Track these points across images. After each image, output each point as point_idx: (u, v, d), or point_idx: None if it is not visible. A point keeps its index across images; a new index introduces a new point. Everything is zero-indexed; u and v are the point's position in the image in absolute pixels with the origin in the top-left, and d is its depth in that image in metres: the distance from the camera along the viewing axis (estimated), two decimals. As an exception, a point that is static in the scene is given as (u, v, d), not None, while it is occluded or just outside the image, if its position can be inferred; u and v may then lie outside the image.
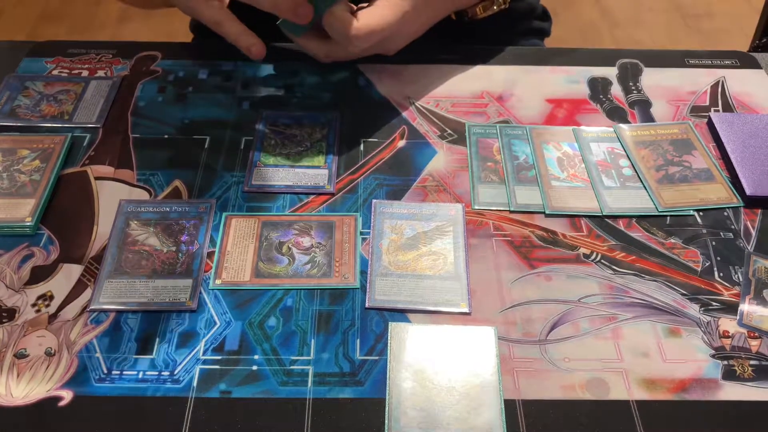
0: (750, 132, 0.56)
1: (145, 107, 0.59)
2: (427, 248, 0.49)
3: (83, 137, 0.56)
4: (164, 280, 0.46)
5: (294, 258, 0.47)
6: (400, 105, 0.60)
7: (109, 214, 0.50)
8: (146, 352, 0.43)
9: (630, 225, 0.51)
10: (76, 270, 0.47)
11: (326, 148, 0.56)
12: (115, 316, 0.44)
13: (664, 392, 0.41)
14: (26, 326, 0.44)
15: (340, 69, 0.63)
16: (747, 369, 0.43)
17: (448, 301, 0.46)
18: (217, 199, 0.52)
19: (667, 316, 0.45)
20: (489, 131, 0.58)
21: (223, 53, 0.65)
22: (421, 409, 0.40)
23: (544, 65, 0.64)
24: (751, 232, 0.51)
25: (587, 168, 0.55)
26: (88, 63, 0.63)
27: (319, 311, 0.45)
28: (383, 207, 0.51)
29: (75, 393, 0.41)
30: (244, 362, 0.42)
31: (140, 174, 0.54)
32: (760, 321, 0.45)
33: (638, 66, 0.65)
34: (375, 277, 0.47)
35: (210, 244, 0.48)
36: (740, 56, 0.66)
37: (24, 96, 0.59)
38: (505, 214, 0.51)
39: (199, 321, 0.44)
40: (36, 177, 0.52)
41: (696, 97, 0.62)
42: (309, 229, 0.49)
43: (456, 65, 0.64)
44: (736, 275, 0.48)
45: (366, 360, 0.43)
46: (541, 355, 0.43)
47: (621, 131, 0.58)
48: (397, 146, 0.56)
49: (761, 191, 0.52)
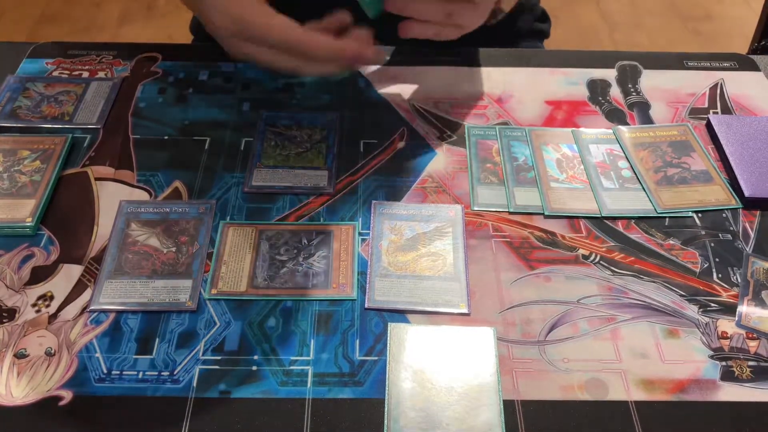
0: (748, 134, 0.57)
1: (145, 108, 0.59)
2: (426, 249, 0.49)
3: (84, 138, 0.56)
4: (164, 280, 0.46)
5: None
6: (400, 106, 0.60)
7: (110, 214, 0.50)
8: (146, 353, 0.43)
9: (629, 226, 0.51)
10: (77, 270, 0.47)
11: (326, 150, 0.56)
12: (115, 316, 0.45)
13: (662, 393, 0.42)
14: (26, 326, 0.44)
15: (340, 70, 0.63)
16: (745, 370, 0.43)
17: (447, 302, 0.46)
18: (217, 199, 0.52)
19: (665, 317, 0.45)
20: (488, 133, 0.58)
21: (223, 55, 0.65)
22: (420, 410, 0.40)
23: (543, 67, 0.65)
24: (750, 234, 0.51)
25: (586, 169, 0.55)
26: (89, 64, 0.63)
27: (318, 312, 0.45)
28: (383, 208, 0.51)
29: (75, 393, 0.41)
30: (244, 362, 0.42)
31: (140, 175, 0.54)
32: (758, 322, 0.45)
33: (637, 68, 0.65)
34: (374, 278, 0.47)
35: (210, 245, 0.48)
36: (739, 59, 0.66)
37: (25, 97, 0.60)
38: (505, 216, 0.51)
39: (198, 321, 0.44)
40: (36, 177, 0.52)
41: (695, 99, 0.62)
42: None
43: (455, 67, 0.64)
44: (735, 276, 0.48)
45: (365, 360, 0.43)
46: (540, 356, 0.43)
47: (620, 133, 0.58)
48: (396, 147, 0.56)
49: (759, 193, 0.52)
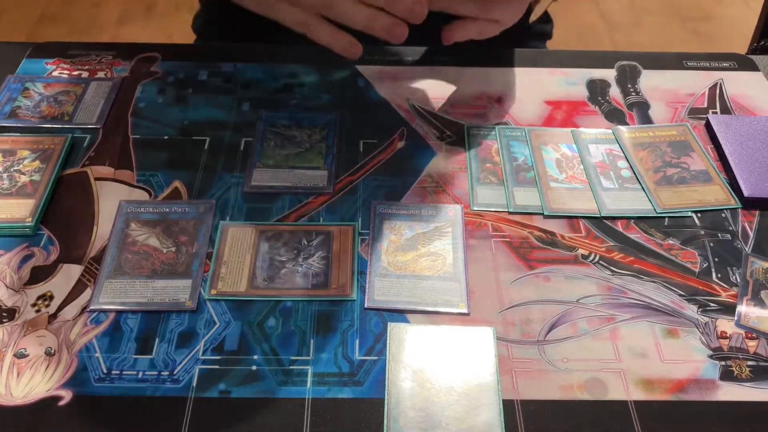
0: (748, 134, 0.57)
1: (145, 108, 0.59)
2: (426, 249, 0.49)
3: (83, 138, 0.56)
4: (164, 280, 0.46)
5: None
6: (400, 106, 0.60)
7: (109, 214, 0.50)
8: (146, 352, 0.43)
9: (628, 226, 0.51)
10: (76, 270, 0.47)
11: (326, 149, 0.56)
12: (114, 316, 0.45)
13: (662, 393, 0.42)
14: (26, 326, 0.44)
15: (340, 70, 0.63)
16: (745, 369, 0.43)
17: (447, 302, 0.46)
18: (217, 199, 0.52)
19: (665, 316, 0.46)
20: (488, 133, 0.58)
21: (223, 55, 0.65)
22: (420, 409, 0.40)
23: (542, 67, 0.65)
24: (749, 234, 0.51)
25: (586, 169, 0.55)
26: (89, 64, 0.63)
27: (318, 311, 0.45)
28: (382, 208, 0.51)
29: (75, 393, 0.41)
30: (244, 362, 0.42)
31: (140, 175, 0.54)
32: (757, 322, 0.45)
33: (637, 68, 0.65)
34: (374, 278, 0.47)
35: (209, 245, 0.48)
36: (738, 59, 0.66)
37: (24, 97, 0.60)
38: (504, 215, 0.51)
39: (198, 321, 0.44)
40: (36, 177, 0.52)
41: (694, 99, 0.62)
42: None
43: (455, 67, 0.64)
44: (734, 276, 0.48)
45: (365, 360, 0.43)
46: (540, 356, 0.43)
47: (619, 133, 0.58)
48: (396, 147, 0.56)
49: (759, 193, 0.52)
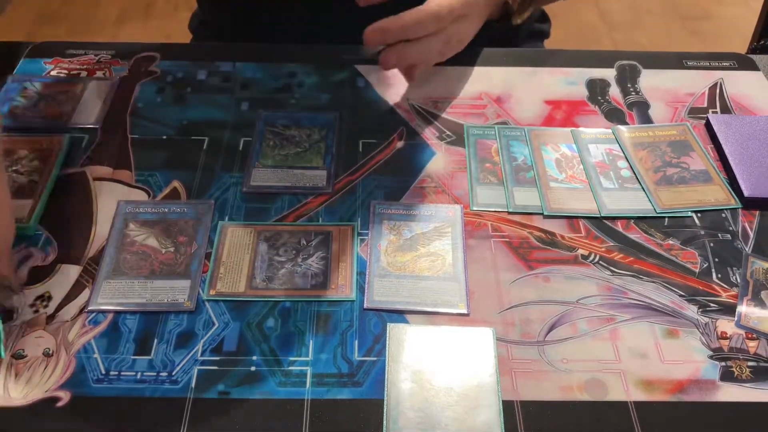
0: (748, 134, 0.57)
1: (143, 108, 0.59)
2: (425, 249, 0.49)
3: (82, 138, 0.56)
4: (162, 280, 0.46)
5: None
6: (399, 106, 0.60)
7: (108, 214, 0.50)
8: (144, 353, 0.43)
9: (628, 226, 0.51)
10: (75, 270, 0.47)
11: (325, 149, 0.56)
12: (113, 316, 0.44)
13: (662, 393, 0.42)
14: (24, 327, 0.44)
15: (339, 70, 0.63)
16: (745, 370, 0.43)
17: (446, 302, 0.46)
18: (216, 199, 0.52)
19: (665, 317, 0.45)
20: (487, 132, 0.58)
21: (222, 54, 0.65)
22: (419, 410, 0.40)
23: (542, 67, 0.65)
24: (749, 234, 0.51)
25: (585, 169, 0.55)
26: (87, 64, 0.63)
27: (317, 312, 0.45)
28: (382, 208, 0.51)
29: (73, 394, 0.41)
30: (243, 363, 0.42)
31: (139, 175, 0.53)
32: (757, 322, 0.45)
33: (636, 68, 0.65)
34: (373, 278, 0.47)
35: (208, 245, 0.48)
36: (738, 58, 0.66)
37: (23, 96, 0.59)
38: (504, 215, 0.51)
39: (197, 322, 0.44)
40: (34, 178, 0.52)
41: (694, 98, 0.62)
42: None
43: (455, 66, 0.64)
44: (734, 276, 0.48)
45: (364, 361, 0.43)
46: (540, 356, 0.43)
47: (619, 133, 0.58)
48: (395, 147, 0.56)
49: (759, 193, 0.52)
